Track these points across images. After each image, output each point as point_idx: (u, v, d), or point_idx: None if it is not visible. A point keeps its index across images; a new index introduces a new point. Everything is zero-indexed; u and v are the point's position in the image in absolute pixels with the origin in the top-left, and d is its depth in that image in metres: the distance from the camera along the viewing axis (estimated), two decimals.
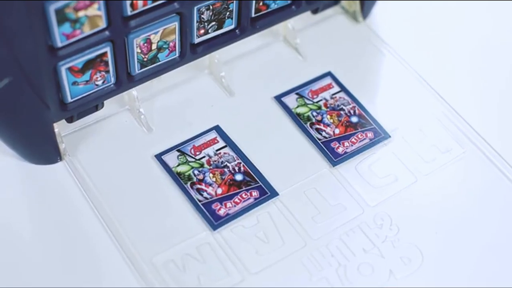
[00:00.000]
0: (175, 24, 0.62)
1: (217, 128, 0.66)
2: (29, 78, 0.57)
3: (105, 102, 0.64)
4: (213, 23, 0.64)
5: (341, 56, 0.72)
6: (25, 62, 0.56)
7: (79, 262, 0.59)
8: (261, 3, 0.66)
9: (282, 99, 0.68)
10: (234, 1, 0.64)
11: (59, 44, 0.56)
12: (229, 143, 0.65)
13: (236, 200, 0.62)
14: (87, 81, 0.61)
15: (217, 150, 0.65)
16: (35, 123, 0.61)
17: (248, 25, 0.67)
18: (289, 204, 0.63)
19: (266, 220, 0.62)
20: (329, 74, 0.70)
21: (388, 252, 0.61)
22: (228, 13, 0.64)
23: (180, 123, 0.66)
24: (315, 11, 0.73)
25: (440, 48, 0.74)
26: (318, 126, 0.67)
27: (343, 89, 0.69)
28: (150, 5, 0.59)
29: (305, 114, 0.68)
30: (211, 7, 0.63)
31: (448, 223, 0.62)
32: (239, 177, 0.63)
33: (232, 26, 0.66)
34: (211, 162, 0.64)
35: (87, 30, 0.57)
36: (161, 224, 0.61)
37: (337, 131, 0.67)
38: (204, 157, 0.64)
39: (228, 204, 0.62)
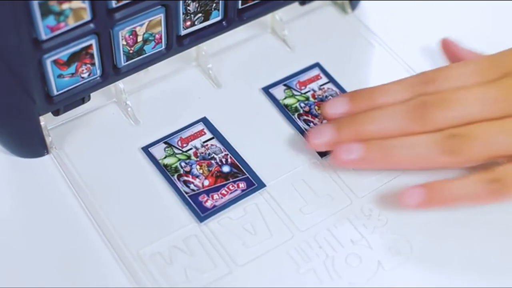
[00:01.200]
0: (161, 16, 0.61)
1: (204, 120, 0.66)
2: (14, 71, 0.57)
3: (91, 94, 0.64)
4: (200, 14, 0.64)
5: (329, 47, 0.72)
6: (9, 55, 0.56)
7: (64, 255, 0.59)
8: None
9: (270, 90, 0.68)
10: None
11: (44, 37, 0.56)
12: (216, 135, 0.65)
13: (223, 191, 0.62)
14: (72, 73, 0.60)
15: (204, 142, 0.65)
16: (21, 117, 0.61)
17: (235, 17, 0.66)
18: (276, 195, 0.62)
19: (254, 212, 0.61)
20: (317, 65, 0.70)
21: (377, 243, 0.60)
22: (214, 4, 0.64)
23: (167, 115, 0.66)
24: (303, 2, 0.72)
25: (430, 39, 0.74)
26: (306, 117, 0.67)
27: (331, 80, 0.69)
28: None
29: (293, 106, 0.67)
30: None
31: (437, 214, 0.62)
32: (226, 168, 0.63)
33: (219, 18, 0.66)
34: (198, 154, 0.64)
35: (71, 23, 0.57)
36: (147, 216, 0.61)
37: (325, 122, 0.67)
38: (191, 149, 0.64)
39: (215, 196, 0.62)
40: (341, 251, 0.60)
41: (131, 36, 0.61)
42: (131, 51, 0.62)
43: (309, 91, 0.69)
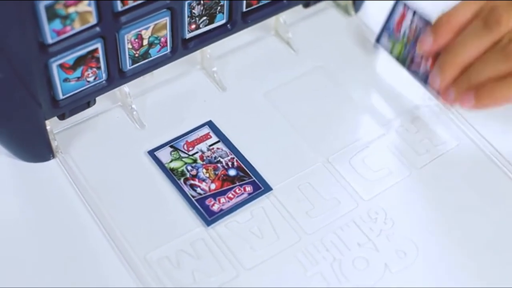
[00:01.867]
0: (166, 19, 0.61)
1: (210, 124, 0.66)
2: (20, 75, 0.57)
3: (97, 98, 0.64)
4: (204, 18, 0.64)
5: (333, 49, 0.72)
6: (15, 59, 0.56)
7: (72, 259, 0.59)
8: None
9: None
10: None
11: (50, 40, 0.56)
12: (222, 138, 0.65)
13: (230, 195, 0.62)
14: (78, 77, 0.60)
15: (210, 146, 0.65)
16: (27, 121, 0.61)
17: (240, 20, 0.66)
18: (283, 199, 0.62)
19: (260, 215, 0.61)
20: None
21: (383, 246, 0.60)
22: (219, 7, 0.64)
23: (172, 119, 0.66)
24: (306, 5, 0.72)
25: None
26: None
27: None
28: (140, 0, 0.59)
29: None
30: (202, 2, 0.63)
31: (443, 216, 0.62)
32: (232, 172, 0.63)
33: (224, 21, 0.66)
34: (204, 158, 0.64)
35: (77, 26, 0.57)
36: (154, 220, 0.61)
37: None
38: (197, 152, 0.64)
39: (222, 200, 0.61)
40: (348, 254, 0.60)
41: (136, 40, 0.61)
42: (136, 55, 0.62)
43: None
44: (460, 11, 0.67)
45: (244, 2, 0.66)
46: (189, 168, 0.63)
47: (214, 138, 0.65)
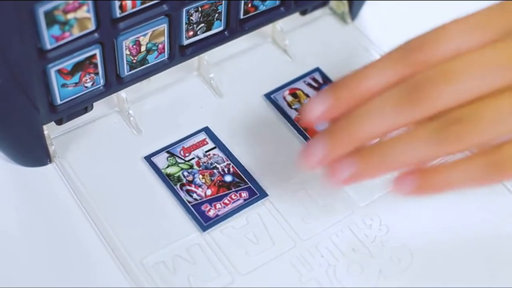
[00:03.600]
0: (164, 26, 0.62)
1: (206, 130, 0.66)
2: (18, 80, 0.57)
3: (94, 104, 0.64)
4: (202, 25, 0.65)
5: (329, 57, 0.73)
6: (14, 64, 0.56)
7: (69, 264, 0.59)
8: (249, 5, 0.66)
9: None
10: (223, 3, 0.64)
11: (48, 46, 0.56)
12: (219, 144, 0.65)
13: (226, 201, 0.62)
14: (76, 83, 0.61)
15: (206, 152, 0.65)
16: (25, 125, 0.61)
17: (237, 27, 0.67)
18: (278, 205, 0.63)
19: (256, 221, 0.62)
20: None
21: (378, 252, 0.61)
22: (216, 15, 0.65)
23: (169, 125, 0.67)
24: (303, 13, 0.73)
25: None
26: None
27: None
28: (139, 7, 0.59)
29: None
30: (199, 9, 0.63)
31: (438, 223, 0.63)
32: (228, 178, 0.63)
33: (221, 28, 0.66)
34: (201, 164, 0.64)
35: (76, 32, 0.57)
36: (151, 226, 0.61)
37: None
38: (193, 158, 0.64)
39: (218, 205, 0.62)
40: (343, 260, 0.60)
41: (134, 46, 0.61)
42: (134, 61, 0.62)
43: None
44: (371, 71, 0.53)
45: (242, 9, 0.66)
46: (186, 173, 0.63)
47: (211, 144, 0.65)
